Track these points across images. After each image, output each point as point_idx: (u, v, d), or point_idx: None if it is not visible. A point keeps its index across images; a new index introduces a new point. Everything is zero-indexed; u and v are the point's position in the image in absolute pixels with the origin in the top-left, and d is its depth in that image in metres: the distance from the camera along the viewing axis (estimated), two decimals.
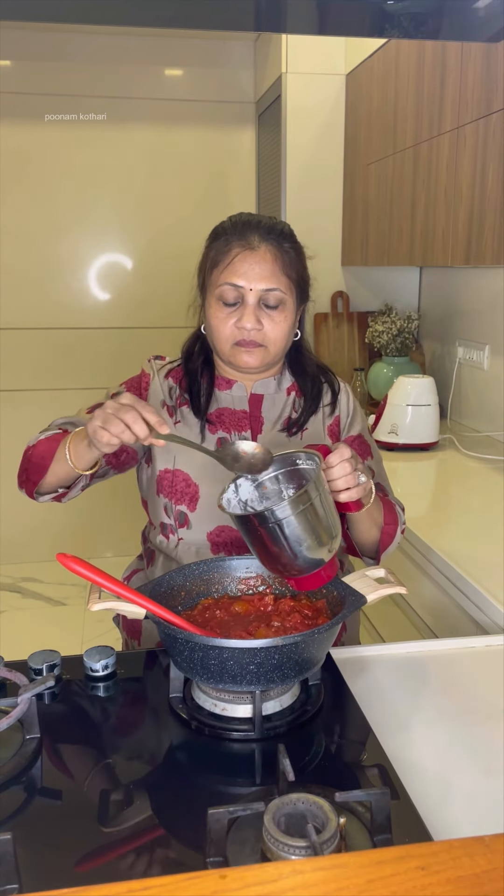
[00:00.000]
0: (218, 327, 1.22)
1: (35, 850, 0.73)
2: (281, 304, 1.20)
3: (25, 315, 3.41)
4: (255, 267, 1.18)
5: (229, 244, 1.20)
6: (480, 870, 0.54)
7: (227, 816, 0.69)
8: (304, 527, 0.94)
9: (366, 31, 1.16)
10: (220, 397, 1.30)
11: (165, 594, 1.03)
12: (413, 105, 2.27)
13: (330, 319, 3.02)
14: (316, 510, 0.95)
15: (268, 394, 1.31)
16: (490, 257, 1.85)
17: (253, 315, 1.19)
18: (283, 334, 1.22)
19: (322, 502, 0.96)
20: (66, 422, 1.27)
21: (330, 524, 0.98)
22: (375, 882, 0.53)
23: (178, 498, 1.26)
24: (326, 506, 0.97)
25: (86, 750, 0.91)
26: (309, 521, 0.94)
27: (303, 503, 0.93)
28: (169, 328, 3.26)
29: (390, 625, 1.91)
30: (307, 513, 0.93)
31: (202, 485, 1.25)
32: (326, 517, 0.97)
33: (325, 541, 0.97)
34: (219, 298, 1.20)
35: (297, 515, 0.93)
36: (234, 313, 1.20)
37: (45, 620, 3.16)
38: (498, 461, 2.19)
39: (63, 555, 0.93)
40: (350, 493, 1.06)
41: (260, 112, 3.27)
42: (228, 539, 1.25)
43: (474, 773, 0.87)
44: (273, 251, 1.19)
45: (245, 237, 1.19)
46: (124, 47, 3.21)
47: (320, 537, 0.96)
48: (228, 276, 1.19)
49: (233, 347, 1.22)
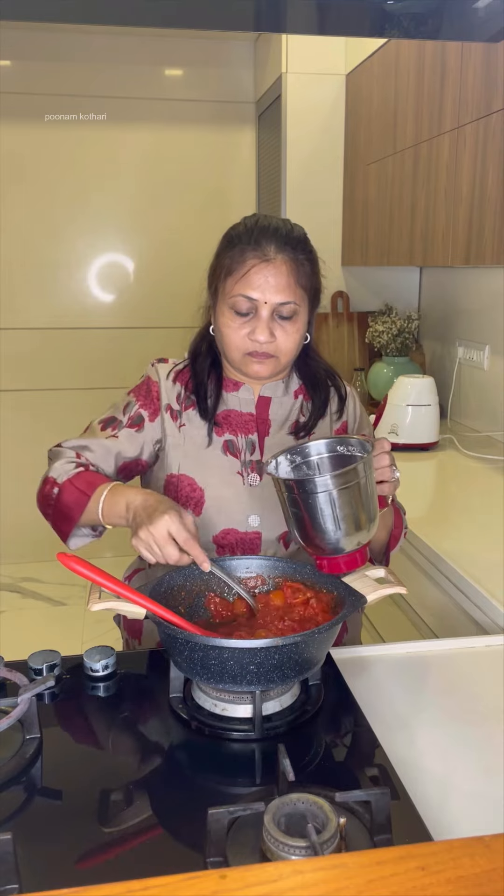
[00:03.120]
0: (230, 336, 1.21)
1: (35, 850, 0.73)
2: (294, 316, 1.19)
3: (25, 315, 3.41)
4: (271, 279, 1.16)
5: (244, 254, 1.17)
6: (480, 870, 0.54)
7: (227, 816, 0.69)
8: (348, 503, 0.95)
9: (366, 31, 1.16)
10: (227, 399, 1.29)
11: (165, 594, 1.03)
12: (413, 105, 2.27)
13: (330, 319, 3.02)
14: (361, 490, 0.96)
15: (275, 397, 1.30)
16: (490, 257, 1.85)
17: (266, 328, 1.17)
18: (294, 345, 1.22)
19: (368, 484, 0.98)
20: (79, 445, 1.25)
21: (371, 509, 0.99)
22: (375, 882, 0.53)
23: (183, 502, 1.25)
24: (371, 489, 0.99)
25: (86, 750, 0.91)
26: (353, 499, 0.95)
27: (351, 479, 0.94)
28: (169, 328, 3.29)
29: (390, 625, 1.91)
30: (353, 490, 0.95)
31: (207, 488, 1.25)
32: (369, 500, 0.98)
33: (364, 524, 0.98)
34: (231, 308, 1.19)
35: (342, 490, 0.94)
36: (247, 324, 1.19)
37: (45, 620, 3.16)
38: (498, 461, 2.19)
39: (63, 554, 0.94)
40: (384, 488, 1.08)
41: (260, 112, 3.27)
42: (234, 541, 1.25)
43: (474, 773, 0.87)
44: (289, 263, 1.17)
45: (260, 247, 1.17)
46: (124, 47, 3.21)
47: (360, 519, 0.97)
48: (243, 288, 1.17)
49: (244, 357, 1.21)
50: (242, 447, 1.27)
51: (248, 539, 1.25)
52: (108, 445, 1.24)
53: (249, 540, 1.25)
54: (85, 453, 1.23)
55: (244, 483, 1.25)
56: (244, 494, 1.25)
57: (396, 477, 1.10)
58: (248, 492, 1.25)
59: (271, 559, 1.11)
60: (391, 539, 1.25)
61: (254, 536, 1.25)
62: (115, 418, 1.28)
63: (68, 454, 1.22)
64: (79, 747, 0.92)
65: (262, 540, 1.25)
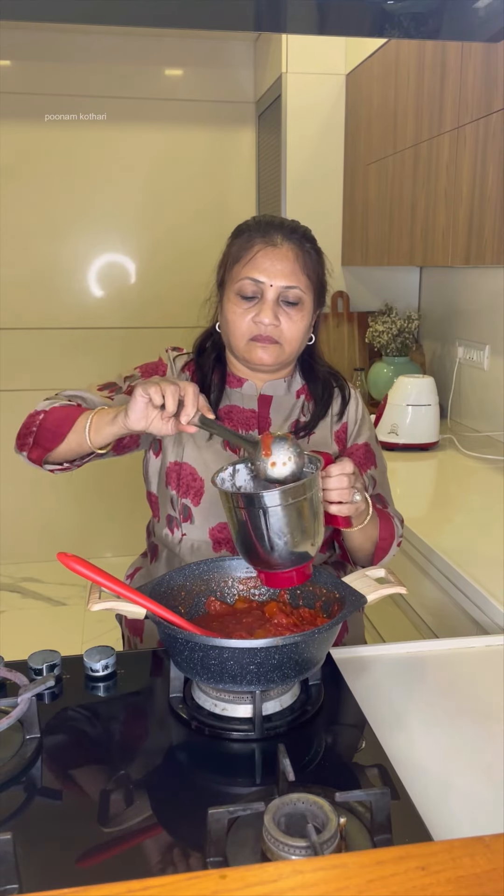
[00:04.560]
0: (235, 322, 1.21)
1: (35, 850, 0.73)
2: (300, 303, 1.20)
3: (25, 315, 3.41)
4: (277, 263, 1.18)
5: (252, 240, 1.20)
6: (480, 870, 0.54)
7: (227, 816, 0.69)
8: (288, 521, 0.94)
9: (366, 31, 1.16)
10: (230, 394, 1.30)
11: (165, 594, 1.03)
12: (413, 105, 2.27)
13: (330, 319, 3.02)
14: (302, 509, 0.95)
15: (277, 395, 1.30)
16: (490, 257, 1.85)
17: (271, 310, 1.19)
18: (299, 333, 1.22)
19: (311, 504, 0.96)
20: (74, 394, 1.26)
21: (313, 529, 0.98)
22: (375, 882, 0.53)
23: (183, 491, 1.26)
24: (314, 509, 0.98)
25: (86, 750, 0.91)
26: (293, 517, 0.94)
27: (292, 497, 0.93)
28: (170, 328, 3.29)
29: (390, 625, 1.91)
30: (294, 508, 0.94)
31: (207, 479, 1.25)
32: (311, 520, 0.97)
33: (304, 544, 0.97)
34: (238, 293, 1.20)
35: (283, 507, 0.93)
36: (252, 308, 1.20)
37: (45, 620, 3.16)
38: (498, 461, 2.19)
39: (64, 554, 0.93)
40: (341, 508, 1.07)
41: (260, 112, 3.27)
42: (230, 536, 1.25)
43: (474, 773, 0.87)
44: (295, 250, 1.20)
45: (268, 235, 1.20)
46: (124, 47, 3.21)
47: (300, 537, 0.96)
48: (249, 271, 1.19)
49: (248, 343, 1.22)
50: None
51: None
52: (102, 403, 1.25)
53: None
54: (78, 402, 1.23)
55: None
56: None
57: (356, 501, 1.08)
58: None
59: None
60: (377, 550, 1.24)
61: None
62: (114, 384, 1.31)
63: (62, 399, 1.23)
64: (79, 747, 0.92)
65: None
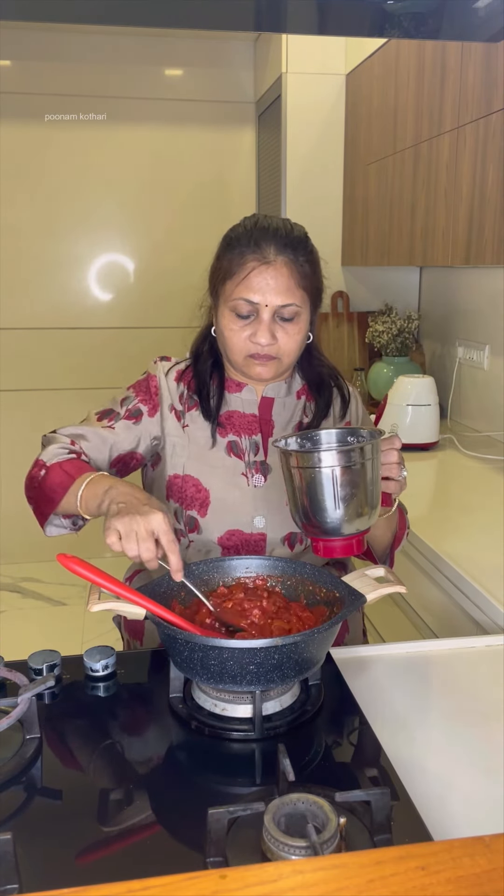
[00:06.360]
0: (231, 339, 1.20)
1: (35, 849, 0.73)
2: (296, 317, 1.19)
3: (25, 315, 3.41)
4: (271, 282, 1.15)
5: (244, 257, 1.16)
6: (480, 870, 0.54)
7: (227, 816, 0.69)
8: (350, 484, 0.94)
9: (366, 31, 1.16)
10: (229, 400, 1.29)
11: (165, 594, 1.03)
12: (413, 105, 2.27)
13: (330, 319, 3.02)
14: (364, 473, 0.95)
15: (278, 397, 1.30)
16: (490, 257, 1.85)
17: (268, 331, 1.17)
18: (297, 345, 1.21)
19: (372, 469, 0.97)
20: (75, 433, 1.24)
21: (373, 496, 0.98)
22: (375, 882, 0.53)
23: (188, 503, 1.25)
24: (374, 476, 0.98)
25: (86, 750, 0.91)
26: (355, 480, 0.94)
27: (355, 459, 0.94)
28: (170, 328, 3.29)
29: (390, 625, 1.91)
30: (356, 471, 0.94)
31: (213, 489, 1.25)
32: (372, 486, 0.98)
33: (364, 509, 0.97)
34: (232, 311, 1.18)
35: (345, 468, 0.93)
36: (248, 327, 1.18)
37: (45, 620, 3.16)
38: (498, 461, 2.19)
39: (63, 555, 0.93)
40: (389, 485, 1.08)
41: (260, 112, 3.27)
42: (239, 542, 1.25)
43: (474, 773, 0.87)
44: (289, 265, 1.16)
45: (260, 249, 1.16)
46: (124, 47, 3.21)
47: (360, 503, 0.96)
48: (243, 292, 1.16)
49: (246, 359, 1.21)
50: (246, 448, 1.27)
51: (252, 540, 1.25)
52: (104, 435, 1.24)
53: (254, 541, 1.25)
54: (80, 441, 1.22)
55: (249, 484, 1.25)
56: (249, 495, 1.25)
57: (403, 476, 1.09)
58: (253, 493, 1.25)
59: (270, 559, 1.10)
60: (395, 540, 1.25)
61: (259, 538, 1.25)
62: (112, 410, 1.28)
63: (62, 440, 1.22)
64: (79, 747, 0.92)
65: (267, 541, 1.25)
